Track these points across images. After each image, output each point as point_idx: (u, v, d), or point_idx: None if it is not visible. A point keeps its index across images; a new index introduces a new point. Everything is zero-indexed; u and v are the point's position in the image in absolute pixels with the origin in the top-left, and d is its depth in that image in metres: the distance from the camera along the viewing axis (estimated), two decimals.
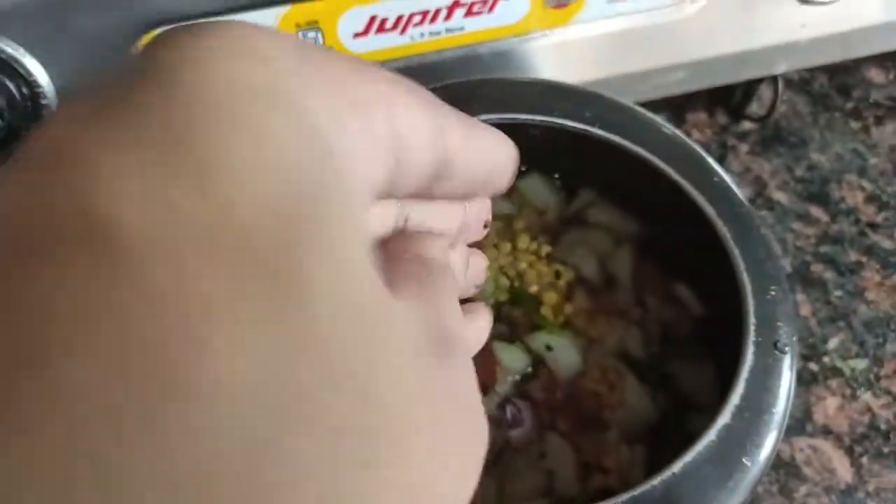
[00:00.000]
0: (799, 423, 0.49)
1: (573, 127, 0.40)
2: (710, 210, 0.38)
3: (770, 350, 0.35)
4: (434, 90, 0.42)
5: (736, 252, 0.37)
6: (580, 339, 0.42)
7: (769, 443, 0.33)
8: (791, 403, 0.35)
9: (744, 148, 0.60)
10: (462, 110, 0.40)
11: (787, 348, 0.35)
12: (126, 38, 0.41)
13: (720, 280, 0.39)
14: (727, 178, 0.40)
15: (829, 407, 0.49)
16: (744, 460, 0.33)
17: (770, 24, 0.51)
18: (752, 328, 0.35)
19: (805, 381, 0.50)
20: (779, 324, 0.36)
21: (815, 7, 0.51)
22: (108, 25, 0.40)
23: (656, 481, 0.32)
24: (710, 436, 0.33)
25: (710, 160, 0.40)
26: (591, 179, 0.46)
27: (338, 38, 0.45)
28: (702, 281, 0.43)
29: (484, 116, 0.40)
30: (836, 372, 0.50)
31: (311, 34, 0.44)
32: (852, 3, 0.52)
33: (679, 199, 0.39)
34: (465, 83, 0.42)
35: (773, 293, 0.36)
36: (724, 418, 0.33)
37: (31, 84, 0.39)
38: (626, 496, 0.31)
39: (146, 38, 0.41)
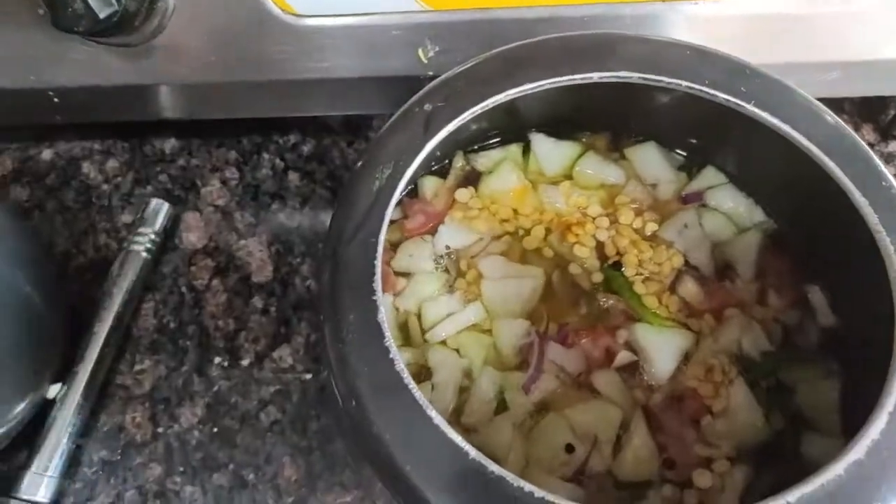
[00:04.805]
0: None
1: (725, 100, 0.35)
2: (872, 217, 0.33)
3: None
4: (571, 39, 0.38)
5: None
6: (685, 334, 0.38)
7: None
8: None
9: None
10: (598, 66, 0.36)
11: None
12: None
13: (863, 292, 0.34)
14: None
15: None
16: None
17: None
18: None
19: None
20: None
21: None
22: None
23: None
24: (838, 469, 0.28)
25: (878, 161, 0.35)
26: (722, 160, 0.41)
27: None
28: (838, 289, 0.38)
29: (623, 74, 0.36)
30: None
31: None
32: None
33: (833, 196, 0.34)
34: (607, 36, 0.38)
35: None
36: (858, 453, 0.29)
37: None
38: None
39: None
